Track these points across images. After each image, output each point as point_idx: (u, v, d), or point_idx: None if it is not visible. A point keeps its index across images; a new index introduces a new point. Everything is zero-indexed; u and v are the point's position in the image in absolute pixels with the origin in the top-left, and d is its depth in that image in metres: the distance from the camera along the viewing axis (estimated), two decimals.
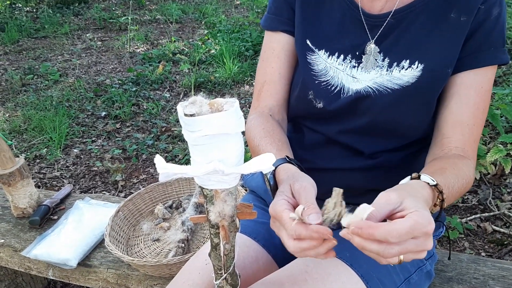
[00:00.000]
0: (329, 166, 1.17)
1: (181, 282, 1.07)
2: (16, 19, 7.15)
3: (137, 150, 3.41)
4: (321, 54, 1.13)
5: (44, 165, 3.31)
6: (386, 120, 1.09)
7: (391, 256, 0.70)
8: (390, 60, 1.07)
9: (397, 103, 1.07)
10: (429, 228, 0.70)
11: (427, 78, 1.05)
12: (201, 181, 0.75)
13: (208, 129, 0.66)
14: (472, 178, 1.04)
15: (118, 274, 1.56)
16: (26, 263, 1.68)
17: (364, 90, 1.08)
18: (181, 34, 6.37)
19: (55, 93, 4.46)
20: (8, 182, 1.77)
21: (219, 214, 0.78)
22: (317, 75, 1.13)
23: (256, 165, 0.72)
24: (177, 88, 4.51)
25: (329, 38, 1.13)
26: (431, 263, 1.23)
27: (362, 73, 1.09)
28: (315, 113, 1.17)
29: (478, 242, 2.22)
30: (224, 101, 0.69)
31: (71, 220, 1.78)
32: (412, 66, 1.05)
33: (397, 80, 1.06)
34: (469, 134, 1.07)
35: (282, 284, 0.97)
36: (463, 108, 1.06)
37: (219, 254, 0.85)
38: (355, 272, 1.03)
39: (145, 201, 1.81)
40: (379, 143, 1.13)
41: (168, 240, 1.65)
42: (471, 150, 1.07)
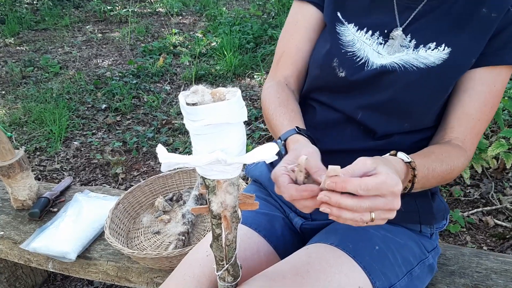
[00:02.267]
0: (339, 147, 1.17)
1: (182, 274, 1.07)
2: (16, 12, 7.12)
3: (138, 143, 3.39)
4: (350, 28, 1.16)
5: (44, 158, 3.30)
6: (405, 99, 1.10)
7: (362, 210, 0.76)
8: (417, 42, 1.09)
9: (421, 81, 1.08)
10: (396, 189, 0.77)
11: (453, 62, 1.07)
12: (203, 171, 0.74)
13: (211, 118, 0.65)
14: (461, 168, 1.07)
15: (118, 266, 1.56)
16: (26, 255, 1.68)
17: (390, 65, 1.10)
18: (182, 26, 6.33)
19: (55, 86, 4.44)
20: (8, 174, 1.76)
21: (221, 205, 0.77)
22: (344, 45, 1.15)
23: (259, 155, 0.72)
24: (178, 80, 4.50)
25: (360, 12, 1.17)
26: (434, 256, 1.22)
27: (388, 51, 1.12)
28: (336, 83, 1.17)
29: (480, 236, 2.21)
30: (226, 90, 0.68)
31: (70, 213, 1.77)
32: (439, 47, 1.07)
33: (423, 59, 1.08)
34: (472, 127, 1.09)
35: (284, 276, 0.97)
36: (473, 103, 1.09)
37: (220, 245, 0.85)
38: (357, 263, 1.02)
39: (145, 194, 1.80)
40: (393, 124, 1.13)
41: (168, 232, 1.64)
42: (471, 143, 1.10)
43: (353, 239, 1.09)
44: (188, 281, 1.04)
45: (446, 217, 1.27)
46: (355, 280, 1.00)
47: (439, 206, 1.21)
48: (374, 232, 1.12)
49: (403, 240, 1.14)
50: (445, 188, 2.53)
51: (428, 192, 1.18)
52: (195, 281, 1.03)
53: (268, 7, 5.94)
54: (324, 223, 1.21)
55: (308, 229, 1.25)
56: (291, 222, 1.29)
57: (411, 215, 1.17)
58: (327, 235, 1.12)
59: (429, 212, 1.18)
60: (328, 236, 1.11)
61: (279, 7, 5.79)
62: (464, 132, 1.10)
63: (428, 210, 1.18)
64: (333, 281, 0.97)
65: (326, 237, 1.11)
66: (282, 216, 1.28)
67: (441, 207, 1.22)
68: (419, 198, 1.16)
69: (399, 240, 1.13)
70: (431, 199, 1.18)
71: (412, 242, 1.16)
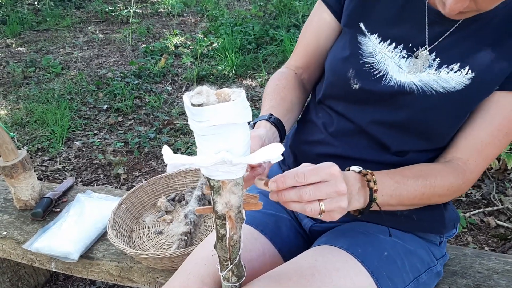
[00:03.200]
0: (354, 155, 1.14)
1: (186, 273, 1.07)
2: (18, 12, 7.12)
3: (139, 143, 3.40)
4: (373, 39, 1.10)
5: (46, 158, 3.30)
6: (422, 121, 1.05)
7: (307, 197, 0.78)
8: (441, 61, 1.03)
9: (439, 106, 1.02)
10: (333, 169, 0.80)
11: (475, 88, 1.00)
12: (208, 172, 0.74)
13: (216, 119, 0.65)
14: (449, 187, 1.03)
15: (121, 266, 1.56)
16: (28, 255, 1.68)
17: (408, 85, 1.04)
18: (183, 27, 6.34)
19: (57, 86, 4.45)
20: (11, 174, 1.77)
21: (225, 205, 0.77)
22: (363, 55, 1.10)
23: (264, 155, 0.72)
24: (179, 81, 4.50)
25: (385, 23, 1.10)
26: (441, 263, 1.23)
27: (410, 69, 1.05)
28: (350, 94, 1.12)
29: (481, 236, 2.22)
30: (231, 91, 0.68)
31: (72, 213, 1.78)
32: (462, 70, 1.00)
33: (443, 83, 1.02)
34: (479, 150, 1.04)
35: (289, 278, 0.96)
36: (485, 125, 1.03)
37: (225, 245, 0.85)
38: (365, 268, 1.02)
39: (147, 194, 1.80)
40: (408, 143, 1.09)
41: (171, 233, 1.65)
42: (475, 165, 1.04)
43: (362, 243, 1.08)
44: (192, 280, 1.04)
45: (456, 226, 1.27)
46: (361, 285, 1.00)
47: (451, 215, 1.21)
48: (384, 237, 1.11)
49: (413, 247, 1.14)
50: None
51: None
52: (199, 281, 1.03)
53: (269, 7, 5.94)
54: (334, 226, 1.20)
55: (317, 231, 1.24)
56: (300, 224, 1.29)
57: (422, 223, 1.16)
58: (336, 237, 1.11)
59: (441, 221, 1.17)
60: (337, 239, 1.10)
61: (280, 8, 5.79)
62: (468, 154, 1.04)
63: (440, 219, 1.17)
64: (339, 285, 0.97)
65: (335, 240, 1.10)
66: (289, 217, 1.28)
67: (453, 216, 1.22)
68: (431, 206, 1.13)
69: (409, 247, 1.13)
70: (443, 208, 1.17)
71: (422, 249, 1.16)
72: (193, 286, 1.03)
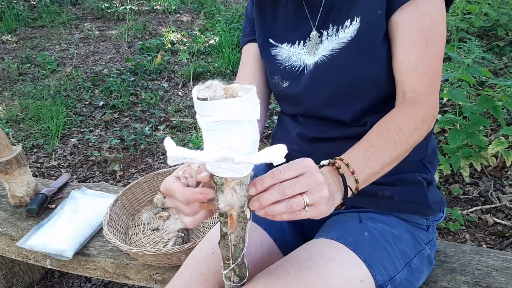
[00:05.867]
0: (323, 135, 1.20)
1: (189, 272, 1.06)
2: (14, 8, 7.09)
3: (135, 140, 3.38)
4: (284, 47, 1.23)
5: (41, 155, 3.28)
6: (346, 80, 1.12)
7: (288, 190, 0.75)
8: (337, 26, 1.13)
9: (347, 59, 1.10)
10: (306, 161, 0.79)
11: (365, 27, 1.08)
12: (211, 168, 0.73)
13: (220, 114, 0.64)
14: (420, 119, 1.02)
15: (117, 263, 1.55)
16: (23, 252, 1.67)
17: (320, 60, 1.14)
18: (180, 24, 6.32)
19: (52, 83, 4.42)
20: (5, 170, 1.75)
21: (227, 203, 0.76)
22: (281, 63, 1.23)
23: (267, 156, 0.70)
24: (176, 78, 4.48)
25: (288, 31, 1.23)
26: (431, 248, 1.22)
27: (318, 48, 1.16)
28: (284, 95, 1.25)
29: (479, 234, 2.21)
30: (240, 87, 0.67)
31: (66, 210, 1.76)
32: (353, 22, 1.10)
33: (343, 39, 1.11)
34: (413, 71, 1.05)
35: (288, 272, 0.97)
36: (402, 48, 1.06)
37: (227, 243, 0.83)
38: (358, 257, 1.02)
39: (143, 191, 1.79)
40: (353, 106, 1.14)
41: (167, 229, 1.63)
42: (419, 85, 1.05)
43: (352, 232, 1.08)
44: (194, 279, 1.03)
45: (442, 210, 1.26)
46: (357, 274, 1.00)
47: (435, 197, 1.20)
48: (372, 225, 1.12)
49: (399, 231, 1.14)
50: (444, 186, 2.53)
51: (423, 181, 1.17)
52: (202, 279, 1.03)
53: None
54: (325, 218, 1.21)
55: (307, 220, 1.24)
56: None
57: (405, 205, 1.16)
58: (327, 230, 1.12)
59: (424, 202, 1.17)
60: (328, 231, 1.11)
61: None
62: (407, 81, 1.06)
63: (423, 200, 1.17)
64: (336, 275, 0.97)
65: (326, 232, 1.11)
66: None
67: (437, 198, 1.21)
68: (413, 186, 1.16)
69: (396, 232, 1.13)
70: (426, 188, 1.17)
71: (407, 233, 1.15)
72: (195, 285, 1.02)
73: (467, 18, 4.17)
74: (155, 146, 3.29)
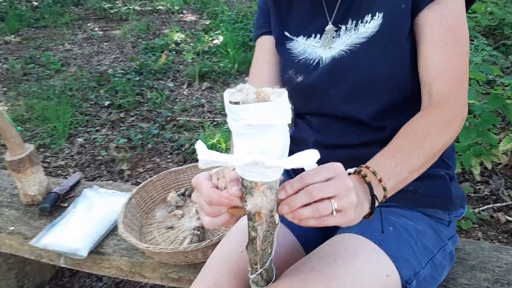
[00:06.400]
0: (340, 142, 1.17)
1: (219, 270, 1.04)
2: (16, 9, 7.09)
3: (143, 139, 3.37)
4: (299, 39, 1.20)
5: (48, 154, 3.27)
6: (365, 75, 1.09)
7: (316, 193, 0.74)
8: (356, 20, 1.10)
9: (368, 54, 1.08)
10: (336, 166, 0.77)
11: (387, 22, 1.06)
12: (241, 172, 0.73)
13: (252, 118, 0.64)
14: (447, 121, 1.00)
15: (132, 262, 1.54)
16: (37, 250, 1.66)
17: (338, 54, 1.12)
18: (183, 24, 6.31)
19: (57, 82, 4.42)
20: (18, 169, 1.74)
21: (257, 207, 0.75)
22: (296, 56, 1.20)
23: (298, 161, 0.70)
24: (181, 78, 4.47)
25: (304, 23, 1.21)
26: (452, 244, 1.21)
27: (334, 42, 1.14)
28: (298, 90, 1.20)
29: (491, 232, 2.20)
30: (272, 91, 0.66)
31: (79, 209, 1.75)
32: (374, 17, 1.07)
33: (363, 34, 1.08)
34: (441, 72, 1.02)
35: (313, 267, 0.95)
36: (430, 48, 1.03)
37: (255, 248, 0.83)
38: (384, 251, 1.01)
39: (157, 189, 1.78)
40: (372, 104, 1.12)
41: (182, 227, 1.62)
42: (447, 86, 1.02)
43: (377, 227, 1.07)
44: (226, 277, 1.02)
45: (464, 205, 1.25)
46: (383, 268, 0.99)
47: (458, 192, 1.19)
48: (396, 219, 1.10)
49: (422, 227, 1.12)
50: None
51: (446, 176, 1.16)
52: (233, 278, 1.01)
53: None
54: None
55: None
56: None
57: (429, 199, 1.15)
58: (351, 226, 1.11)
59: (447, 197, 1.16)
60: (351, 226, 1.08)
61: None
62: (434, 81, 1.03)
63: (446, 195, 1.15)
64: (362, 270, 0.96)
65: (349, 228, 1.08)
66: None
67: (459, 193, 1.20)
68: (436, 180, 1.14)
69: (419, 227, 1.12)
70: (448, 182, 1.16)
71: (430, 228, 1.14)
72: (227, 283, 1.01)
73: (473, 17, 4.16)
74: (162, 145, 3.29)
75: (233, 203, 0.77)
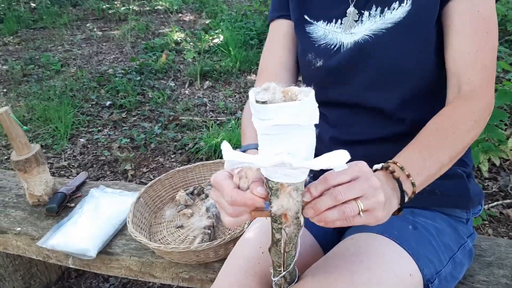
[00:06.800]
0: (357, 138, 1.14)
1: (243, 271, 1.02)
2: (15, 10, 7.05)
3: (145, 139, 3.34)
4: (320, 24, 1.17)
5: (50, 155, 3.25)
6: (389, 62, 1.06)
7: (341, 195, 0.72)
8: (382, 7, 1.07)
9: (393, 40, 1.05)
10: (360, 165, 0.75)
11: (417, 9, 1.03)
12: (267, 173, 0.71)
13: (280, 118, 0.62)
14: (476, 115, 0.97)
15: (142, 261, 1.51)
16: (44, 251, 1.63)
17: (361, 39, 1.08)
18: (182, 24, 6.29)
19: (57, 83, 4.39)
20: (24, 169, 1.71)
21: (282, 209, 0.73)
22: (316, 40, 1.16)
23: (327, 161, 0.67)
24: (182, 77, 4.45)
25: (324, 7, 1.17)
26: (471, 241, 1.19)
27: (357, 28, 1.10)
28: (316, 75, 1.17)
29: (501, 229, 2.19)
30: (299, 90, 0.64)
31: (86, 209, 1.73)
32: (402, 4, 1.04)
33: (390, 20, 1.05)
34: (472, 62, 0.99)
35: (337, 267, 0.94)
36: (461, 38, 1.00)
37: (279, 250, 0.81)
38: (405, 250, 0.99)
39: (165, 188, 1.76)
40: (393, 93, 1.09)
41: (192, 226, 1.60)
42: (477, 78, 0.99)
43: (396, 226, 1.05)
44: (250, 279, 1.00)
45: (481, 202, 1.23)
46: (406, 268, 0.97)
47: (475, 189, 1.18)
48: (414, 218, 1.09)
49: (441, 225, 1.11)
50: None
51: (463, 174, 1.14)
52: (258, 280, 1.00)
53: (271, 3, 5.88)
54: None
55: None
56: None
57: (447, 198, 1.13)
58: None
59: (466, 196, 1.14)
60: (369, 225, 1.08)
61: None
62: (465, 73, 1.00)
63: (465, 193, 1.14)
64: (387, 269, 0.95)
65: (367, 226, 1.05)
66: None
67: (477, 190, 1.18)
68: (454, 180, 1.12)
69: (438, 226, 1.10)
70: (466, 180, 1.14)
71: (449, 227, 1.13)
72: (250, 284, 0.99)
73: None
74: (166, 145, 3.26)
75: (257, 205, 0.74)
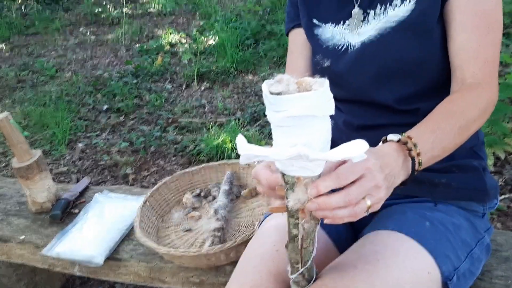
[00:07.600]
0: (371, 123, 1.16)
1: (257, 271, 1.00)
2: (6, 17, 7.00)
3: (145, 142, 3.31)
4: (328, 26, 1.19)
5: (49, 161, 3.20)
6: (394, 59, 1.08)
7: (354, 199, 0.72)
8: (385, 5, 1.09)
9: (397, 38, 1.07)
10: (368, 164, 0.74)
11: (419, 7, 1.04)
12: (282, 166, 0.69)
13: (294, 109, 0.61)
14: (482, 105, 0.98)
15: (151, 267, 1.48)
16: (49, 260, 1.60)
17: (367, 39, 1.10)
18: (176, 26, 6.24)
19: (53, 88, 4.35)
20: (26, 176, 1.68)
21: (299, 203, 0.72)
22: (324, 42, 1.20)
23: (345, 152, 0.66)
24: (179, 79, 4.41)
25: (332, 10, 1.19)
26: (488, 236, 1.18)
27: (364, 27, 1.12)
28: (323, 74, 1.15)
29: (510, 222, 2.17)
30: (314, 80, 0.64)
31: (91, 214, 1.70)
32: (405, 2, 1.06)
33: (393, 18, 1.07)
34: (474, 56, 1.00)
35: (355, 266, 0.93)
36: (463, 33, 1.01)
37: (297, 246, 0.79)
38: (423, 247, 0.98)
39: (171, 191, 1.73)
40: (398, 89, 1.10)
41: (201, 229, 1.57)
42: (482, 72, 1.00)
43: (413, 223, 1.04)
44: (265, 278, 0.97)
45: (497, 196, 1.22)
46: (424, 266, 0.96)
47: (492, 182, 1.17)
48: (431, 214, 1.07)
49: (459, 220, 1.09)
50: None
51: (479, 167, 1.13)
52: (273, 279, 0.97)
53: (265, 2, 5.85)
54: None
55: None
56: None
57: (463, 191, 1.12)
58: (384, 222, 1.07)
59: (482, 189, 1.13)
60: (386, 222, 1.06)
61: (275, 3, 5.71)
62: (469, 66, 1.01)
63: (481, 186, 1.13)
64: (405, 268, 0.94)
65: (383, 224, 1.06)
66: None
67: (493, 184, 1.17)
68: (470, 172, 1.11)
69: (455, 221, 1.08)
70: (482, 173, 1.13)
71: (467, 222, 1.11)
72: (266, 284, 0.97)
73: None
74: (166, 148, 3.23)
75: None
